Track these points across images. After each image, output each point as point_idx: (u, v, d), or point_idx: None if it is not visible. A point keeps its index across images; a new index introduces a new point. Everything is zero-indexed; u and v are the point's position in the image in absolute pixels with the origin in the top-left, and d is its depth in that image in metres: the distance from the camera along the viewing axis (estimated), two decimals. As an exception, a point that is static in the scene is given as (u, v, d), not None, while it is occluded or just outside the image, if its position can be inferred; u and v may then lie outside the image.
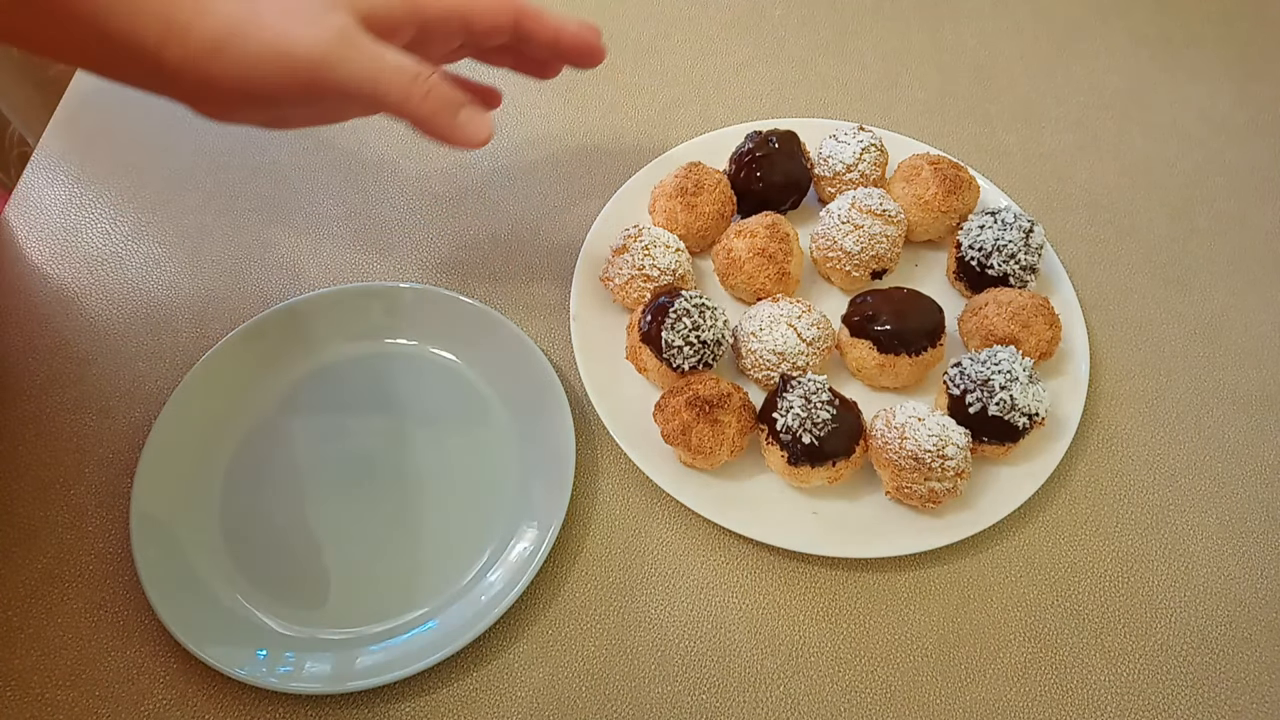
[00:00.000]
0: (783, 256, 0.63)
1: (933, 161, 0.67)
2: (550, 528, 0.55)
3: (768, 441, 0.56)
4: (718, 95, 0.80)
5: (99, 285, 0.67)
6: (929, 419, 0.55)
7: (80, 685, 0.52)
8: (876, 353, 0.60)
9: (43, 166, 0.73)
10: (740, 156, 0.68)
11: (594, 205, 0.70)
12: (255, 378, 0.62)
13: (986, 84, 0.82)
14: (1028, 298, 0.61)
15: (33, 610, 0.55)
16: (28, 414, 0.61)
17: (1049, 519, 0.59)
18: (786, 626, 0.55)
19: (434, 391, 0.63)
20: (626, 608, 0.55)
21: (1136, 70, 0.83)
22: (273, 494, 0.59)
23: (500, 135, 0.76)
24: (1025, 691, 0.53)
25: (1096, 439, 0.62)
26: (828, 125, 0.73)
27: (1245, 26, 0.87)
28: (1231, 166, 0.77)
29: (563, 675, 0.53)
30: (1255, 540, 0.59)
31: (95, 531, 0.57)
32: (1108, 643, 0.55)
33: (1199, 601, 0.57)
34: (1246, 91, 0.82)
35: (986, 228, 0.63)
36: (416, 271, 0.69)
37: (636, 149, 0.76)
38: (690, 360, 0.58)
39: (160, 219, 0.71)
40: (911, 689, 0.53)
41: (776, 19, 0.86)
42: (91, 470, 0.59)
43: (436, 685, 0.53)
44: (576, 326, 0.63)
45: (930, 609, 0.56)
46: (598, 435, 0.61)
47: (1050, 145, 0.78)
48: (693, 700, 0.53)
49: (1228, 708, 0.53)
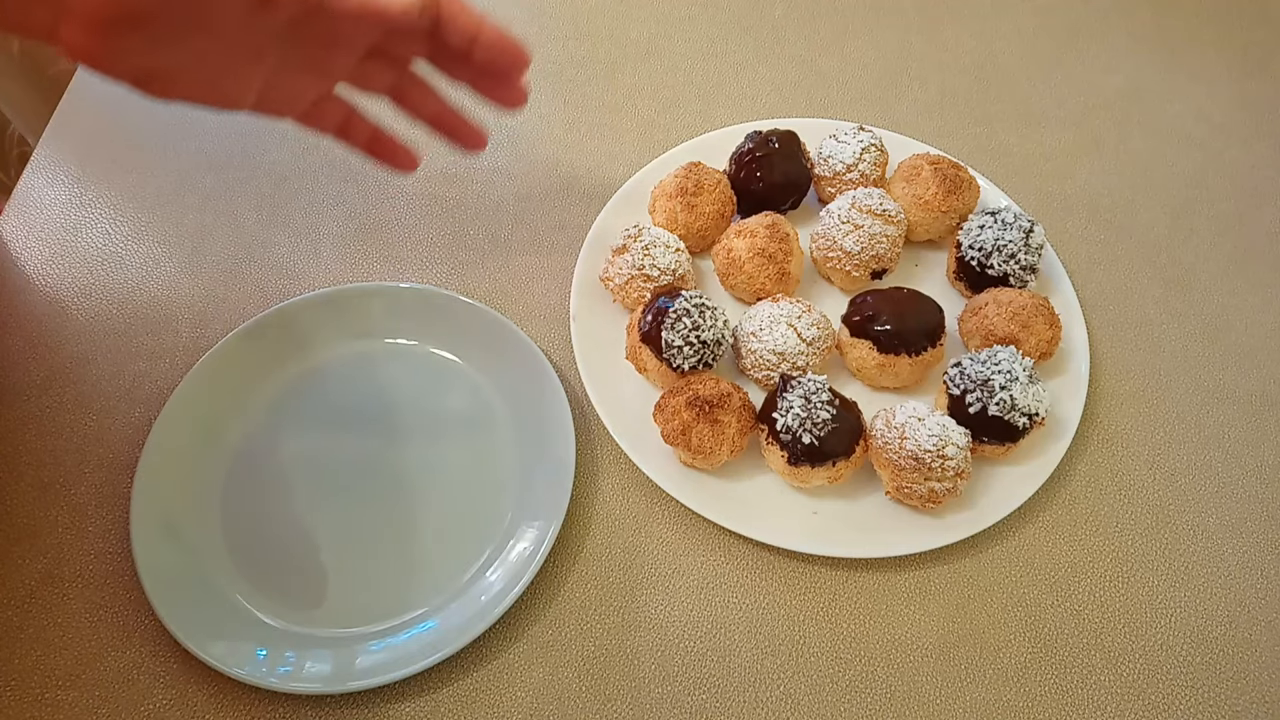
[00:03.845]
0: (783, 256, 0.63)
1: (933, 161, 0.67)
2: (550, 528, 0.55)
3: (768, 441, 0.56)
4: (718, 95, 0.80)
5: (99, 285, 0.67)
6: (929, 419, 0.55)
7: (80, 685, 0.52)
8: (876, 353, 0.60)
9: (43, 166, 0.73)
10: (740, 156, 0.68)
11: (594, 205, 0.70)
12: (255, 378, 0.62)
13: (986, 84, 0.82)
14: (1028, 298, 0.61)
15: (33, 610, 0.55)
16: (28, 414, 0.61)
17: (1049, 519, 0.59)
18: (786, 626, 0.55)
19: (434, 391, 0.63)
20: (626, 608, 0.55)
21: (1136, 70, 0.84)
22: (272, 494, 0.59)
23: (500, 135, 0.76)
24: (1025, 691, 0.53)
25: (1096, 439, 0.62)
26: (828, 125, 0.73)
27: (1245, 26, 0.87)
28: (1231, 166, 0.77)
29: (563, 675, 0.53)
30: (1255, 540, 0.59)
31: (95, 531, 0.57)
32: (1108, 643, 0.55)
33: (1199, 601, 0.57)
34: (1246, 92, 0.82)
35: (986, 228, 0.63)
36: (416, 271, 0.69)
37: (636, 149, 0.76)
38: (690, 360, 0.58)
39: (160, 219, 0.71)
40: (911, 689, 0.53)
41: (776, 19, 0.86)
42: (91, 470, 0.59)
43: (436, 685, 0.53)
44: (576, 326, 0.63)
45: (930, 609, 0.56)
46: (598, 435, 0.61)
47: (1050, 145, 0.78)
48: (693, 700, 0.53)
49: (1228, 708, 0.53)
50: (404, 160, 0.54)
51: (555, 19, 0.85)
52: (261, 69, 0.46)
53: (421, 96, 0.53)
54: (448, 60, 0.50)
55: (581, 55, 0.82)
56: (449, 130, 0.53)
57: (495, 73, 0.50)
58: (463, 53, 0.48)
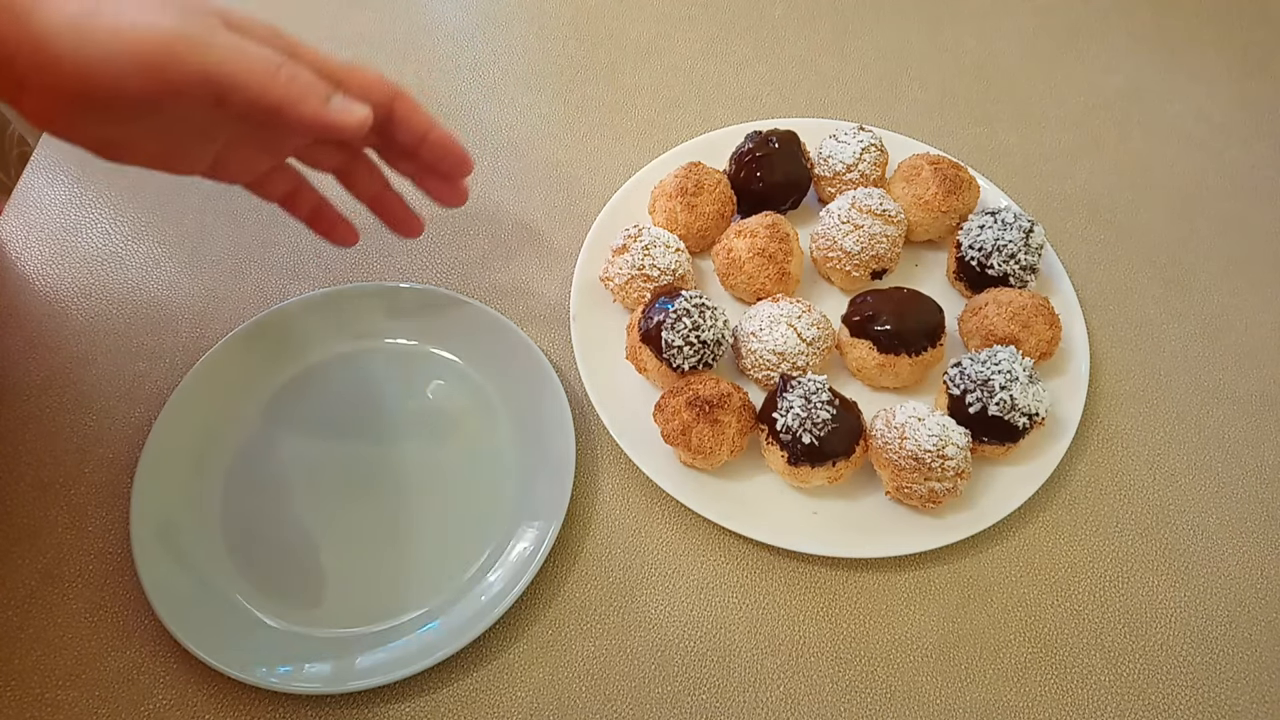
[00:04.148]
0: (783, 256, 0.63)
1: (933, 161, 0.67)
2: (550, 528, 0.55)
3: (768, 441, 0.56)
4: (718, 95, 0.80)
5: (99, 285, 0.67)
6: (929, 419, 0.55)
7: (80, 685, 0.52)
8: (876, 353, 0.60)
9: (43, 166, 0.73)
10: (740, 156, 0.68)
11: (594, 205, 0.70)
12: (255, 377, 0.62)
13: (986, 84, 0.82)
14: (1028, 298, 0.61)
15: (33, 610, 0.55)
16: (28, 414, 0.61)
17: (1049, 519, 0.59)
18: (786, 626, 0.55)
19: (434, 391, 0.63)
20: (626, 608, 0.55)
21: (1136, 70, 0.84)
22: (272, 494, 0.59)
23: (501, 135, 0.76)
24: (1025, 691, 0.53)
25: (1096, 439, 0.62)
26: (828, 125, 0.73)
27: (1245, 26, 0.87)
28: (1231, 166, 0.77)
29: (563, 675, 0.53)
30: (1255, 540, 0.59)
31: (95, 531, 0.57)
32: (1108, 643, 0.55)
33: (1199, 601, 0.57)
34: (1246, 92, 0.82)
35: (986, 228, 0.63)
36: (416, 271, 0.69)
37: (636, 149, 0.76)
38: (690, 360, 0.58)
39: (160, 219, 0.71)
40: (911, 689, 0.53)
41: (776, 19, 0.86)
42: (91, 470, 0.59)
43: (436, 685, 0.53)
44: (576, 326, 0.63)
45: (930, 609, 0.56)
46: (598, 435, 0.61)
47: (1050, 145, 0.78)
48: (693, 700, 0.53)
49: (1228, 708, 0.53)
50: (343, 235, 0.56)
51: (555, 19, 0.85)
52: (214, 146, 0.48)
53: (367, 178, 0.55)
54: (395, 154, 0.53)
55: (581, 55, 0.82)
56: (385, 214, 0.56)
57: (439, 173, 0.53)
58: (411, 149, 0.51)
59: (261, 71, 0.43)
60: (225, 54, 0.42)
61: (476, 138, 0.76)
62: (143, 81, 0.42)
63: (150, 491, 0.56)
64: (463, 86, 0.79)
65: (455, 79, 0.80)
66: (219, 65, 0.42)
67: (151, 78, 0.42)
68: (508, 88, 0.80)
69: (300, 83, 0.44)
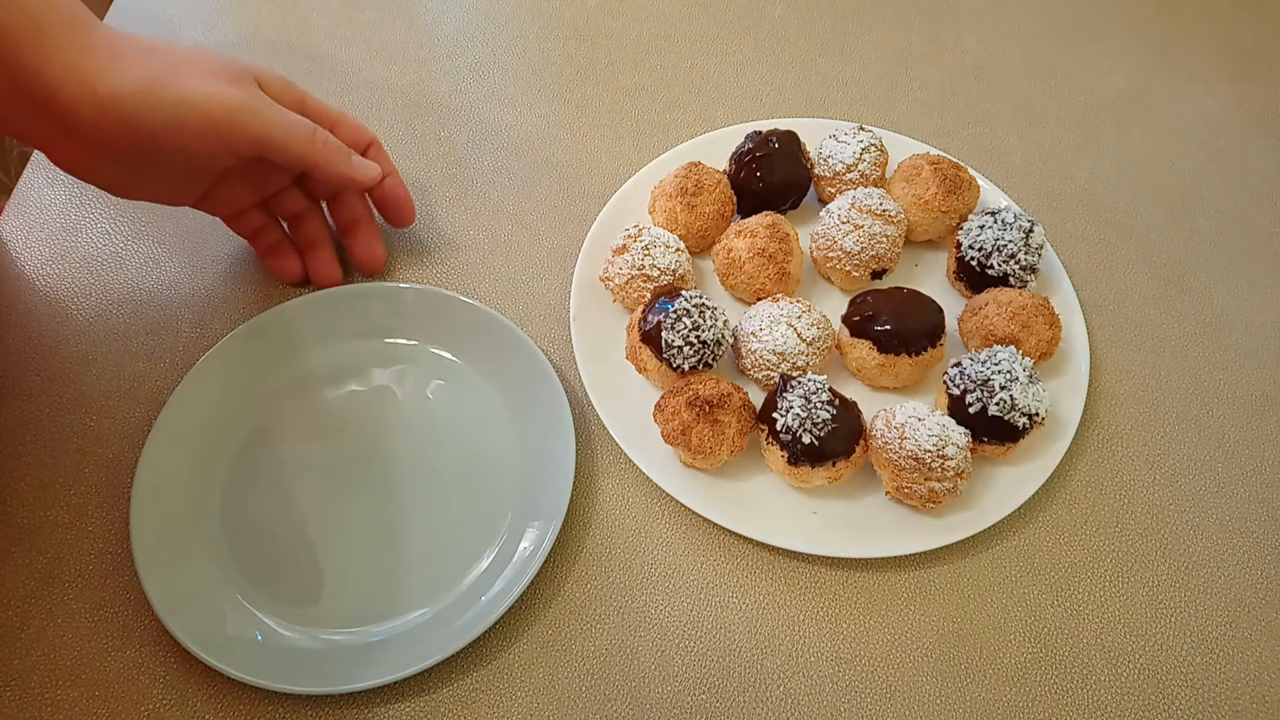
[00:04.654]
0: (783, 256, 0.63)
1: (933, 161, 0.67)
2: (550, 528, 0.55)
3: (768, 441, 0.56)
4: (718, 95, 0.80)
5: (99, 285, 0.67)
6: (929, 419, 0.55)
7: (80, 685, 0.52)
8: (876, 353, 0.60)
9: (43, 166, 0.73)
10: (740, 156, 0.68)
11: (594, 205, 0.70)
12: (255, 378, 0.62)
13: (986, 84, 0.82)
14: (1028, 298, 0.61)
15: (33, 610, 0.55)
16: (28, 414, 0.61)
17: (1049, 519, 0.59)
18: (786, 626, 0.55)
19: (434, 391, 0.63)
20: (626, 608, 0.55)
21: (1136, 70, 0.84)
22: (272, 494, 0.59)
23: (501, 135, 0.76)
24: (1025, 691, 0.53)
25: (1096, 439, 0.63)
26: (828, 125, 0.73)
27: (1245, 26, 0.87)
28: (1231, 166, 0.77)
29: (563, 675, 0.53)
30: (1255, 540, 0.59)
31: (95, 531, 0.57)
32: (1108, 643, 0.55)
33: (1199, 601, 0.57)
34: (1246, 92, 0.82)
35: (986, 228, 0.63)
36: (416, 271, 0.69)
37: (636, 149, 0.76)
38: (690, 360, 0.58)
39: (160, 219, 0.71)
40: (911, 689, 0.53)
41: (776, 19, 0.86)
42: (91, 470, 0.59)
43: (436, 685, 0.53)
44: (576, 326, 0.63)
45: (930, 609, 0.56)
46: (598, 435, 0.61)
47: (1050, 145, 0.78)
48: (693, 700, 0.53)
49: (1228, 708, 0.53)
50: (289, 270, 0.65)
51: (555, 19, 0.85)
52: (209, 184, 0.59)
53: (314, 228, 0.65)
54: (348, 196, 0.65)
55: (581, 55, 0.82)
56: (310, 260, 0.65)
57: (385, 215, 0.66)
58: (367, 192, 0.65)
59: (300, 139, 0.56)
60: (274, 123, 0.54)
61: (476, 138, 0.76)
62: (208, 144, 0.52)
63: (150, 491, 0.56)
64: (463, 86, 0.79)
65: (455, 79, 0.80)
66: (271, 133, 0.54)
67: (216, 139, 0.52)
68: (508, 88, 0.80)
69: (331, 147, 0.58)
